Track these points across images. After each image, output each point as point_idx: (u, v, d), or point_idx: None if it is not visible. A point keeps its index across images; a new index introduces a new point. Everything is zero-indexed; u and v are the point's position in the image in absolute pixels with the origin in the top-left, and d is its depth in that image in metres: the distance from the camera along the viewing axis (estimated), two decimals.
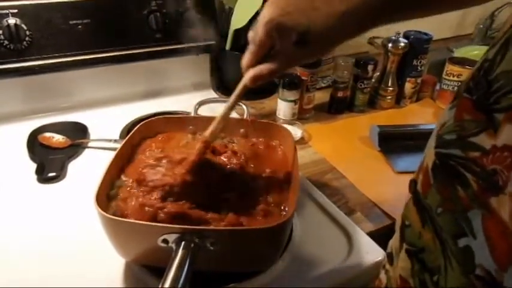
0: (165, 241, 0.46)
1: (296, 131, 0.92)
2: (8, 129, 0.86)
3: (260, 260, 0.54)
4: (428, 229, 0.40)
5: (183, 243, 0.45)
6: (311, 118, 1.02)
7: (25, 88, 0.89)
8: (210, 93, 1.06)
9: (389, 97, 1.08)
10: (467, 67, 1.05)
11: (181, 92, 1.04)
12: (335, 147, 0.91)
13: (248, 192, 0.57)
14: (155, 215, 0.50)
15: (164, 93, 1.03)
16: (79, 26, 0.87)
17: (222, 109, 0.56)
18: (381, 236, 0.65)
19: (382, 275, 0.50)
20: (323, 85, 1.14)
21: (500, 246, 0.33)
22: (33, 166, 0.75)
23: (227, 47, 1.03)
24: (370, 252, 0.61)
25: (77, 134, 0.85)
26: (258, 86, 0.58)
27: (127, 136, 0.64)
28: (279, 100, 0.97)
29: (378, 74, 1.08)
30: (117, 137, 0.84)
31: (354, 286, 0.60)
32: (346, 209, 0.71)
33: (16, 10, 0.80)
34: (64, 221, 0.64)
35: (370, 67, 1.01)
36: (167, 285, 0.41)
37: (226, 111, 0.56)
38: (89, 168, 0.75)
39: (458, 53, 1.32)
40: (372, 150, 0.91)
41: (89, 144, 0.83)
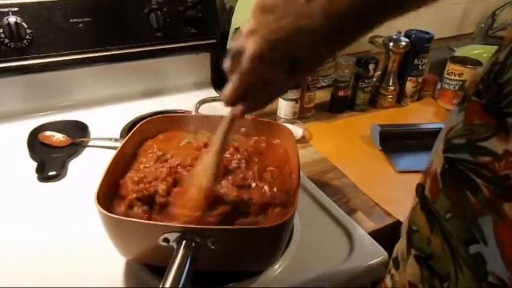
0: (166, 240, 0.46)
1: (297, 130, 0.91)
2: (9, 127, 0.86)
3: (261, 260, 0.54)
4: (437, 235, 0.39)
5: (184, 242, 0.45)
6: (312, 117, 1.02)
7: (25, 87, 0.89)
8: (211, 92, 1.06)
9: (390, 96, 1.08)
10: (468, 66, 1.05)
11: (182, 91, 1.04)
12: (336, 146, 0.91)
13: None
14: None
15: (165, 92, 1.03)
16: (80, 25, 0.86)
17: (210, 156, 0.52)
18: (382, 236, 0.65)
19: (387, 280, 0.50)
20: (324, 84, 1.14)
21: None
22: (33, 165, 0.75)
23: (228, 46, 1.03)
24: (371, 251, 0.61)
25: (78, 133, 0.85)
26: None
27: (128, 135, 0.64)
28: (280, 99, 0.97)
29: (379, 73, 1.08)
30: (117, 136, 0.84)
31: (355, 286, 0.59)
32: (347, 209, 0.71)
33: (17, 8, 0.80)
34: (64, 220, 0.64)
35: (371, 66, 1.01)
36: (168, 284, 0.41)
37: (213, 160, 0.51)
38: (90, 167, 0.75)
39: (459, 52, 1.31)
40: (373, 149, 0.91)
41: (90, 143, 0.83)
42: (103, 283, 0.54)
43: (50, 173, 0.73)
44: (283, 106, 0.97)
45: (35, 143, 0.81)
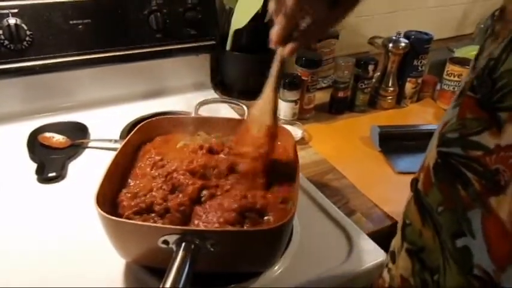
0: (166, 242, 0.46)
1: (296, 131, 0.91)
2: (8, 129, 0.86)
3: (260, 261, 0.54)
4: (428, 228, 0.40)
5: (184, 244, 0.45)
6: (311, 118, 1.02)
7: (25, 88, 0.89)
8: (211, 93, 1.06)
9: (389, 97, 1.08)
10: (468, 67, 1.04)
11: (181, 92, 1.04)
12: (335, 147, 0.91)
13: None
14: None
15: (164, 93, 1.03)
16: (79, 26, 0.86)
17: (266, 93, 0.55)
18: (381, 237, 0.65)
19: (385, 274, 0.50)
20: (323, 85, 1.14)
21: (498, 246, 0.32)
22: (33, 166, 0.75)
23: (227, 47, 1.03)
24: (370, 253, 0.61)
25: (77, 134, 0.85)
26: (258, 86, 0.58)
27: (127, 136, 0.64)
28: (280, 100, 0.97)
29: (379, 74, 1.08)
30: (117, 137, 0.84)
31: (354, 287, 0.60)
32: (346, 210, 0.71)
33: (16, 10, 0.80)
34: (64, 221, 0.64)
35: (370, 67, 1.01)
36: (168, 285, 0.41)
37: (272, 95, 0.55)
38: (89, 168, 0.75)
39: (459, 53, 1.31)
40: (373, 150, 0.91)
41: (89, 144, 0.83)
42: (103, 283, 0.54)
43: (50, 175, 0.73)
44: (282, 107, 0.97)
45: (35, 144, 0.81)
